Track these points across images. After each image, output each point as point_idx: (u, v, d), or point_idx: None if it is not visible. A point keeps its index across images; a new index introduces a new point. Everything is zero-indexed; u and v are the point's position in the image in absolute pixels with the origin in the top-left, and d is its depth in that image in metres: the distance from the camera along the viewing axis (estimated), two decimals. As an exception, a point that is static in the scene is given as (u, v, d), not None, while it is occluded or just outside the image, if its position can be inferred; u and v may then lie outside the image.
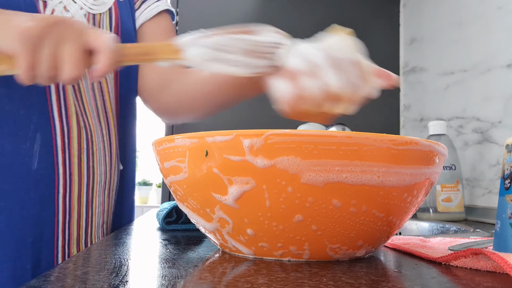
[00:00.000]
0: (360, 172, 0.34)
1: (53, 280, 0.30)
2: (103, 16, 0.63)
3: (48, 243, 0.57)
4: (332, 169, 0.34)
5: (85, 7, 0.61)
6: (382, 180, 0.35)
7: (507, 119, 0.92)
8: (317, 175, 0.34)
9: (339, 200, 0.34)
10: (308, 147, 0.33)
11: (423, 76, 1.25)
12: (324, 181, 0.34)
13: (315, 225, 0.35)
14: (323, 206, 0.34)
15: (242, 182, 0.35)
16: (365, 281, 0.31)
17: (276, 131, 0.34)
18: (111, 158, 0.65)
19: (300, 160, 0.33)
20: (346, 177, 0.34)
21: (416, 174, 0.37)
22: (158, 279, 0.31)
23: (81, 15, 0.61)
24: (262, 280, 0.31)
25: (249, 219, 0.36)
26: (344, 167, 0.34)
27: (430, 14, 1.23)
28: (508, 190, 0.38)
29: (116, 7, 0.66)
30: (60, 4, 0.59)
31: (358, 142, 0.34)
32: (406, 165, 0.36)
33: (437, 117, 1.16)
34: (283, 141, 0.33)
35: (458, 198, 0.93)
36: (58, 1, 0.59)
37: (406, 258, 0.41)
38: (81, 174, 0.60)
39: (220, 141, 0.35)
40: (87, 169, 0.60)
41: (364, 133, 0.34)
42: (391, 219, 0.38)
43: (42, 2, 0.57)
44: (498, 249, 0.39)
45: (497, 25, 0.96)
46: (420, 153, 0.37)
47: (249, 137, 0.34)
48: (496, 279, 0.33)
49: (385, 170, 0.35)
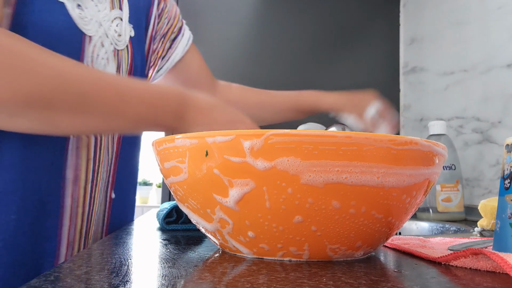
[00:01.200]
0: (360, 172, 0.34)
1: (53, 280, 0.30)
2: (123, 52, 0.64)
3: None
4: (332, 170, 0.34)
5: (113, 42, 0.62)
6: (382, 181, 0.35)
7: (507, 119, 0.92)
8: (317, 175, 0.34)
9: (338, 201, 0.34)
10: (308, 147, 0.33)
11: (423, 76, 1.25)
12: (323, 182, 0.34)
13: (314, 225, 0.35)
14: (322, 207, 0.34)
15: (242, 184, 0.35)
16: (365, 281, 0.31)
17: (277, 131, 0.34)
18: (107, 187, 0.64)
19: (300, 161, 0.33)
20: (345, 178, 0.34)
21: (416, 174, 0.37)
22: (158, 279, 0.32)
23: (111, 50, 0.61)
24: (262, 280, 0.31)
25: (250, 221, 0.36)
26: (344, 168, 0.34)
27: (430, 14, 1.23)
28: (508, 190, 0.38)
29: (130, 44, 0.66)
30: (99, 39, 0.59)
31: (358, 142, 0.34)
32: (405, 166, 0.36)
33: (437, 117, 1.16)
34: (283, 141, 0.33)
35: (458, 198, 0.93)
36: (98, 36, 0.59)
37: (406, 258, 0.42)
38: (84, 206, 0.58)
39: (220, 141, 0.35)
40: (90, 200, 0.59)
41: (364, 133, 0.34)
42: (390, 219, 0.38)
43: (88, 38, 0.57)
44: (498, 249, 0.39)
45: (497, 25, 0.96)
46: (420, 153, 0.37)
47: (249, 138, 0.34)
48: (496, 279, 0.33)
49: (384, 171, 0.35)
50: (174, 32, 0.81)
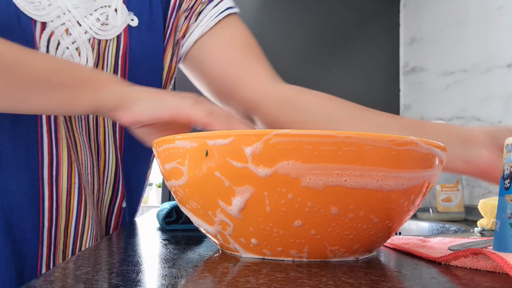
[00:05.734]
0: (359, 176, 0.34)
1: (53, 280, 0.30)
2: (109, 43, 0.59)
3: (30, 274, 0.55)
4: (331, 173, 0.34)
5: (90, 31, 0.57)
6: (381, 184, 0.35)
7: (507, 118, 0.92)
8: (317, 178, 0.34)
9: (337, 204, 0.34)
10: (308, 148, 0.33)
11: (423, 76, 1.25)
12: (323, 185, 0.34)
13: (314, 229, 0.35)
14: (321, 210, 0.35)
15: (244, 191, 0.35)
16: (365, 281, 0.31)
17: (278, 131, 0.34)
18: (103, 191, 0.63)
19: (300, 164, 0.33)
20: (345, 181, 0.34)
21: (415, 177, 0.37)
22: (158, 279, 0.32)
23: (85, 39, 0.57)
24: (262, 280, 0.31)
25: (251, 226, 0.36)
26: (344, 171, 0.34)
27: (430, 14, 1.23)
28: (508, 190, 0.38)
29: (126, 34, 0.61)
30: (62, 27, 0.56)
31: (358, 142, 0.34)
32: (405, 168, 0.36)
33: (437, 117, 1.16)
34: (284, 142, 0.33)
35: (458, 198, 0.93)
36: (60, 22, 0.55)
37: (406, 258, 0.42)
38: (70, 208, 0.57)
39: (221, 144, 0.35)
40: (78, 204, 0.58)
41: (364, 133, 0.34)
42: (388, 223, 0.38)
43: (40, 24, 0.54)
44: (498, 249, 0.39)
45: (497, 25, 0.96)
46: (419, 154, 0.37)
47: (250, 138, 0.34)
48: (496, 279, 0.33)
49: (384, 174, 0.35)
50: (203, 2, 0.66)
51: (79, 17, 0.57)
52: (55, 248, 0.57)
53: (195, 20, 0.65)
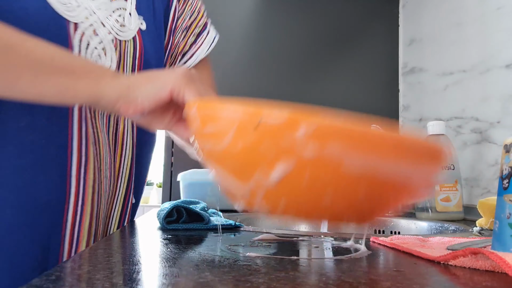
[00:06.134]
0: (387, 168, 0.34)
1: (55, 279, 0.30)
2: (127, 44, 0.62)
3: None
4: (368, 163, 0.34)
5: (112, 31, 0.60)
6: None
7: (505, 119, 0.92)
8: (356, 166, 0.34)
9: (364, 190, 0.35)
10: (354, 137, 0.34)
11: (422, 77, 1.25)
12: (361, 173, 0.34)
13: (341, 206, 0.36)
14: (352, 194, 0.35)
15: (285, 167, 0.35)
16: (364, 280, 0.31)
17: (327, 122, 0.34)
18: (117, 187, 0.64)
19: (341, 149, 0.34)
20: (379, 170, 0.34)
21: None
22: (159, 278, 0.32)
23: (109, 40, 0.59)
24: (262, 279, 0.31)
25: (284, 197, 0.37)
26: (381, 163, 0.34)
27: (429, 14, 1.23)
28: (506, 190, 0.39)
29: (139, 36, 0.64)
30: (91, 27, 0.57)
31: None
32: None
33: (436, 117, 1.16)
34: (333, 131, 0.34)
35: (457, 198, 0.94)
36: (89, 23, 0.57)
37: (405, 257, 0.42)
38: (93, 204, 0.58)
39: (273, 119, 0.34)
40: (98, 199, 0.59)
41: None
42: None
43: (73, 25, 0.55)
44: (497, 248, 0.39)
45: (496, 25, 0.96)
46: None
47: (304, 121, 0.34)
48: (495, 278, 0.33)
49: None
50: (199, 26, 0.77)
51: (102, 18, 0.59)
52: (76, 246, 0.57)
53: (194, 40, 0.75)
